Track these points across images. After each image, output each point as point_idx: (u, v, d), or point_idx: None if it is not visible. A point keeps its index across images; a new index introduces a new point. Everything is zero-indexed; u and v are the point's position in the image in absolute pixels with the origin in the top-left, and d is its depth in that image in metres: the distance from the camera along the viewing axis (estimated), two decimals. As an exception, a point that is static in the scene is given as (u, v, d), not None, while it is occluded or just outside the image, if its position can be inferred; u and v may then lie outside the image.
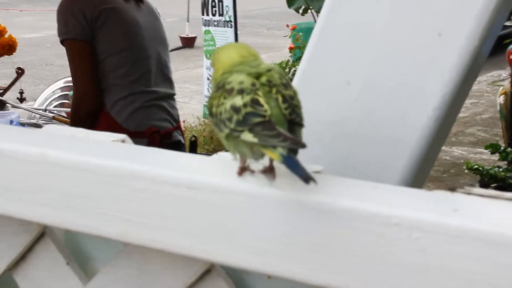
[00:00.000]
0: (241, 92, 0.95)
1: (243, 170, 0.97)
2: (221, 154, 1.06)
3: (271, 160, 0.96)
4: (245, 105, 0.94)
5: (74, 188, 1.02)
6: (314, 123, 1.09)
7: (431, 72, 1.04)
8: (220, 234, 0.94)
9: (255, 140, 0.91)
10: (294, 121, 0.94)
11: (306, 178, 0.86)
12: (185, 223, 0.96)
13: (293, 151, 0.89)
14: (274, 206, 0.91)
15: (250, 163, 0.97)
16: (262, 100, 0.94)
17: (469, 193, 0.91)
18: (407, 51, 1.04)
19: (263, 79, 0.96)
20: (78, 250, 1.21)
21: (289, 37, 9.92)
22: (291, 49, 9.45)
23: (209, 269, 1.05)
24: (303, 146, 0.88)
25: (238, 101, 0.95)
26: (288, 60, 9.09)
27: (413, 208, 0.85)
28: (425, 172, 1.07)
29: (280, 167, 0.95)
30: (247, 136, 0.93)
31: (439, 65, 1.03)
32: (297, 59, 8.40)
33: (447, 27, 1.02)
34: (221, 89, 0.99)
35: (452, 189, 0.92)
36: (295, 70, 5.71)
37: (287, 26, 10.57)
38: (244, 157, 0.97)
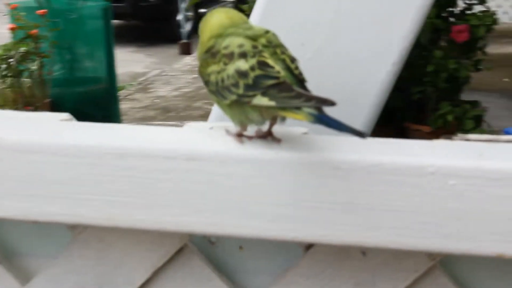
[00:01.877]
0: (243, 55, 0.89)
1: (241, 136, 0.92)
2: (192, 124, 0.99)
3: (271, 124, 0.92)
4: (252, 68, 0.88)
5: (47, 175, 0.91)
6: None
7: (390, 28, 1.03)
8: (230, 206, 0.88)
9: (272, 103, 0.85)
10: (303, 81, 0.89)
11: (357, 132, 0.79)
12: (184, 197, 0.88)
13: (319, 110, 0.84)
14: (292, 170, 0.86)
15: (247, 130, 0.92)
16: (270, 62, 0.88)
17: (467, 139, 0.92)
18: (365, 9, 1.04)
19: (262, 40, 0.91)
20: (11, 249, 1.09)
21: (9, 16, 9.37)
22: (12, 29, 8.91)
23: (182, 248, 0.99)
24: (333, 103, 0.83)
25: (243, 65, 0.89)
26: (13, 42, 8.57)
27: (444, 156, 0.85)
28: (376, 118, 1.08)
29: (277, 131, 0.91)
30: (262, 101, 0.86)
31: (398, 20, 1.03)
32: (20, 40, 7.93)
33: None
34: (217, 54, 0.92)
35: (448, 137, 0.93)
36: (20, 52, 5.43)
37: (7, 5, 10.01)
38: (246, 124, 0.91)
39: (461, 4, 5.89)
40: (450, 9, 5.84)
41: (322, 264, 0.94)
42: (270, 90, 0.86)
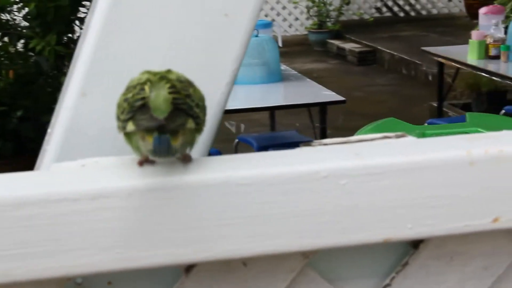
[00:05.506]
0: (135, 86, 0.89)
1: (143, 161, 0.90)
2: (59, 165, 0.94)
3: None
4: (133, 95, 0.88)
5: None
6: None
7: (222, 51, 1.07)
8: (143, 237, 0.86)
9: (133, 128, 0.86)
10: (179, 108, 0.88)
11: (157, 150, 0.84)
12: (94, 237, 0.85)
13: (165, 134, 0.85)
14: (191, 194, 0.87)
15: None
16: (146, 87, 0.88)
17: (325, 144, 1.00)
18: (199, 33, 1.06)
19: (159, 75, 0.90)
20: None
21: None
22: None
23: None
24: (162, 122, 0.84)
25: (130, 94, 0.89)
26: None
27: (330, 160, 0.92)
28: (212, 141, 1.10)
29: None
30: (129, 126, 0.87)
31: (229, 43, 1.07)
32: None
33: (232, 8, 1.06)
34: (124, 91, 0.91)
35: (307, 145, 1.00)
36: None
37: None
38: (143, 153, 0.90)
39: (79, 30, 5.97)
40: (70, 35, 5.88)
41: (207, 282, 0.95)
42: (136, 115, 0.87)
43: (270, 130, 6.01)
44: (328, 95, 5.04)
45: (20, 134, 5.56)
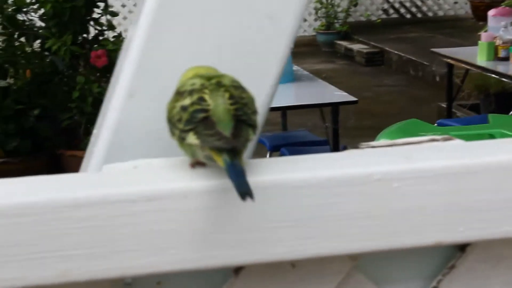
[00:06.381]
0: (191, 92, 0.87)
1: (195, 164, 0.89)
2: (111, 166, 0.93)
3: None
4: (192, 104, 0.87)
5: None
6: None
7: (267, 53, 1.06)
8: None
9: (197, 142, 0.85)
10: (241, 119, 0.87)
11: (243, 192, 0.81)
12: (150, 238, 0.84)
13: (235, 156, 0.83)
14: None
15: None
16: (207, 97, 0.87)
17: (373, 146, 0.99)
18: (244, 36, 1.05)
19: (213, 80, 0.89)
20: None
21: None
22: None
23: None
24: (234, 144, 0.83)
25: (187, 101, 0.87)
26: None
27: (382, 163, 0.91)
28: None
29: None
30: (191, 139, 0.85)
31: (273, 46, 1.06)
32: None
33: (276, 12, 1.06)
34: (176, 94, 0.90)
35: (356, 147, 0.99)
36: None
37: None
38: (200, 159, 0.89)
39: (93, 31, 5.96)
40: (85, 35, 5.88)
41: (256, 282, 0.95)
42: (198, 127, 0.85)
43: (281, 129, 6.00)
44: (340, 95, 5.03)
45: (37, 132, 5.57)
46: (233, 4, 1.05)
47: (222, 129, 0.84)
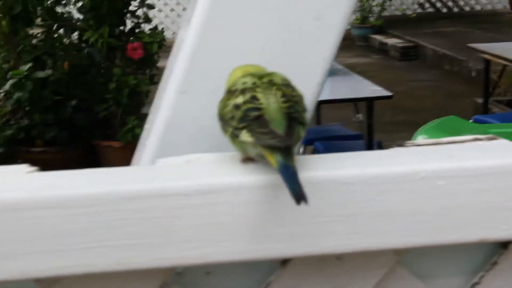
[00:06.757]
0: (243, 91, 0.90)
1: (246, 159, 0.93)
2: (165, 161, 0.97)
3: None
4: (245, 102, 0.89)
5: (58, 228, 0.84)
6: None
7: (314, 52, 1.09)
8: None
9: (251, 139, 0.87)
10: (293, 117, 0.89)
11: (298, 196, 0.82)
12: (202, 231, 0.88)
13: (288, 156, 0.86)
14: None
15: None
16: (260, 95, 0.90)
17: (417, 145, 1.01)
18: (292, 35, 1.08)
19: (265, 79, 0.92)
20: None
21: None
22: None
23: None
24: (288, 142, 0.86)
25: (239, 99, 0.90)
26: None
27: (427, 161, 0.93)
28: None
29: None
30: (245, 136, 0.88)
31: (320, 45, 1.09)
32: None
33: (323, 12, 1.09)
34: (227, 93, 0.93)
35: (400, 144, 1.02)
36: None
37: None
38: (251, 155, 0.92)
39: (129, 23, 6.01)
40: (121, 28, 5.93)
41: (302, 274, 0.97)
42: (252, 125, 0.87)
43: (316, 123, 6.01)
44: (375, 90, 5.03)
45: (74, 122, 5.64)
46: (281, 5, 1.08)
47: (275, 127, 0.86)
